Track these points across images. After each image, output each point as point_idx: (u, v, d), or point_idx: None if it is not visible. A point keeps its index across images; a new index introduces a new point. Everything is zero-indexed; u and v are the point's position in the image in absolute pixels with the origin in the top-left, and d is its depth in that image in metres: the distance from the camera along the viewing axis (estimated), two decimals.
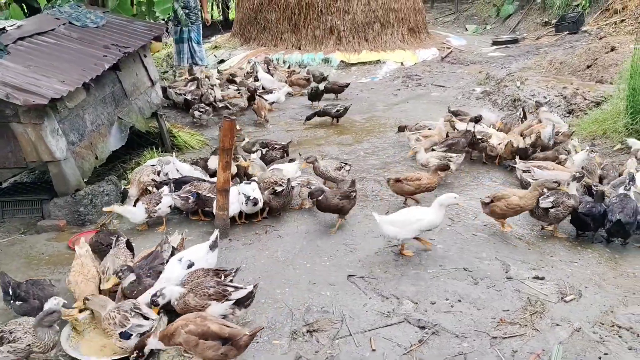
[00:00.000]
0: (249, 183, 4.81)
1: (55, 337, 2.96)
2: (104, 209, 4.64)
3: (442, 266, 3.95)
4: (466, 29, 15.31)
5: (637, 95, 5.89)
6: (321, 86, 8.65)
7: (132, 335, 2.92)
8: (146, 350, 2.86)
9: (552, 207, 4.25)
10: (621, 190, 4.41)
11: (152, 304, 3.08)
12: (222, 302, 3.14)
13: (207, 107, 7.41)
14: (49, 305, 3.08)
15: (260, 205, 4.67)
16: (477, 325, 3.27)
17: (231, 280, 3.32)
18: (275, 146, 5.97)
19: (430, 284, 3.72)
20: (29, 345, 2.88)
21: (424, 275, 3.84)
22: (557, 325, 3.26)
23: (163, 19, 12.45)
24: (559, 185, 4.36)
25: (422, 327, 3.26)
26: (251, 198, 4.58)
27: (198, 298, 3.14)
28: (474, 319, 3.33)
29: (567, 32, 11.99)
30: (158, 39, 6.75)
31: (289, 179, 4.86)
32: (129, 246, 3.84)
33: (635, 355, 3.02)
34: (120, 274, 3.25)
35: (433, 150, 5.74)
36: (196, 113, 7.37)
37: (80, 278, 3.35)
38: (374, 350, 3.09)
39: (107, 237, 3.93)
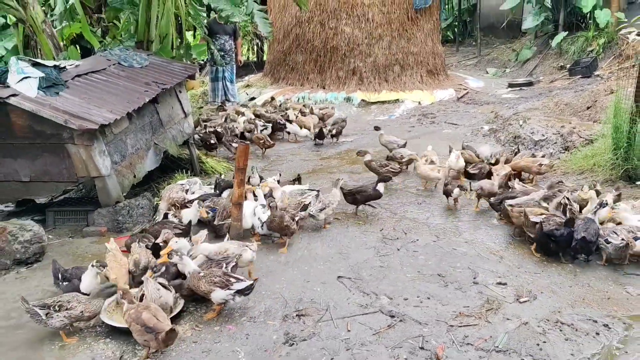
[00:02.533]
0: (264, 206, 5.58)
1: (100, 305, 3.75)
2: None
3: (420, 272, 4.58)
4: (487, 72, 16.03)
5: (619, 133, 6.45)
6: None
7: None
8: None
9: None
10: (590, 215, 5.00)
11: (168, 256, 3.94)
12: (225, 290, 3.85)
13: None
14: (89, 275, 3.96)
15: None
16: (439, 316, 3.88)
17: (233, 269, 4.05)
18: None
19: (406, 285, 4.35)
20: (82, 311, 3.66)
21: (403, 278, 4.48)
22: (508, 319, 3.85)
23: (200, 61, 13.67)
24: None
25: (392, 316, 3.89)
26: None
27: (207, 284, 3.87)
28: (437, 312, 3.94)
29: (580, 76, 12.56)
30: (192, 77, 7.71)
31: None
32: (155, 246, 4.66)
33: (570, 345, 3.57)
34: (154, 268, 4.08)
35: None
36: (196, 136, 8.39)
37: (114, 264, 4.16)
38: (349, 330, 3.73)
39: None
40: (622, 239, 4.53)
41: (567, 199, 5.19)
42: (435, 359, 3.42)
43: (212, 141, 8.11)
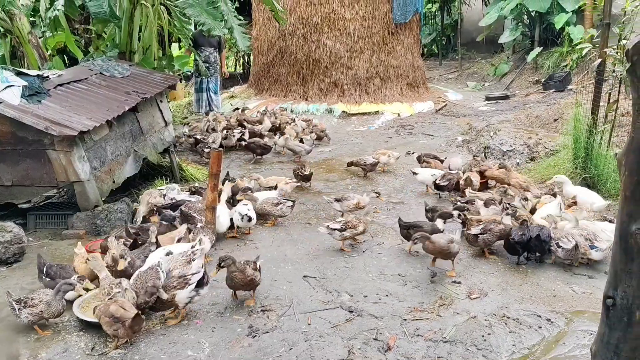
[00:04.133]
0: (246, 204, 5.84)
1: (60, 307, 3.90)
2: None
3: (382, 272, 4.84)
4: (467, 85, 16.48)
5: (578, 144, 6.80)
6: None
7: None
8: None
9: (480, 234, 5.14)
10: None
11: None
12: (185, 289, 4.04)
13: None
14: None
15: (254, 222, 5.72)
16: (394, 312, 4.14)
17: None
18: None
19: (367, 284, 4.62)
20: (41, 311, 3.85)
21: (365, 277, 4.74)
22: (458, 314, 4.12)
23: (187, 72, 13.95)
24: None
25: (351, 311, 4.15)
26: (247, 215, 5.63)
27: (167, 292, 4.07)
28: (393, 308, 4.21)
29: (554, 90, 12.99)
30: (173, 87, 7.99)
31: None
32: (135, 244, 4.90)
33: (512, 337, 3.84)
34: (124, 256, 4.31)
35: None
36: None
37: (82, 267, 4.42)
38: (309, 324, 3.98)
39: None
40: (575, 243, 4.82)
41: (508, 204, 5.56)
42: (386, 349, 3.67)
43: None
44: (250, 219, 5.66)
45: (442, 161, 7.72)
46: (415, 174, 7.16)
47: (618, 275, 2.34)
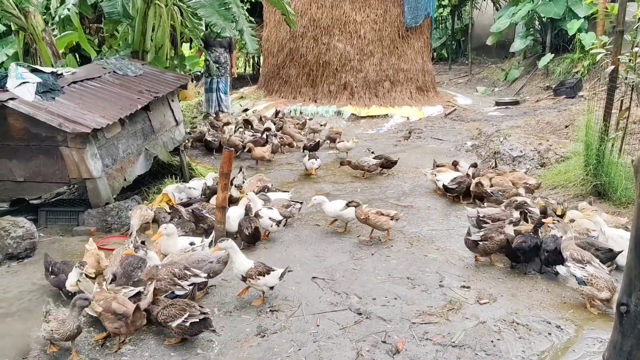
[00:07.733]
0: (272, 208, 5.81)
1: (74, 327, 3.52)
2: None
3: (391, 275, 4.84)
4: (477, 90, 16.44)
5: (589, 150, 6.77)
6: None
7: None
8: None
9: (480, 241, 5.08)
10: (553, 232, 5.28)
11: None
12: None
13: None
14: (74, 275, 4.08)
15: (283, 225, 5.75)
16: (403, 315, 4.14)
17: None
18: None
19: (376, 287, 4.62)
20: (52, 330, 3.51)
21: (374, 280, 4.74)
22: (467, 319, 4.11)
23: (197, 72, 14.03)
24: None
25: (360, 314, 4.15)
26: (282, 220, 5.65)
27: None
28: (402, 311, 4.20)
29: (565, 96, 12.94)
30: (185, 87, 8.04)
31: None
32: None
33: (522, 343, 3.83)
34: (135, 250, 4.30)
35: None
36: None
37: (93, 262, 4.47)
38: (318, 325, 3.99)
39: None
40: None
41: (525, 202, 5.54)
42: (395, 352, 3.67)
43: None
44: (283, 223, 5.71)
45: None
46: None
47: (632, 283, 2.34)
